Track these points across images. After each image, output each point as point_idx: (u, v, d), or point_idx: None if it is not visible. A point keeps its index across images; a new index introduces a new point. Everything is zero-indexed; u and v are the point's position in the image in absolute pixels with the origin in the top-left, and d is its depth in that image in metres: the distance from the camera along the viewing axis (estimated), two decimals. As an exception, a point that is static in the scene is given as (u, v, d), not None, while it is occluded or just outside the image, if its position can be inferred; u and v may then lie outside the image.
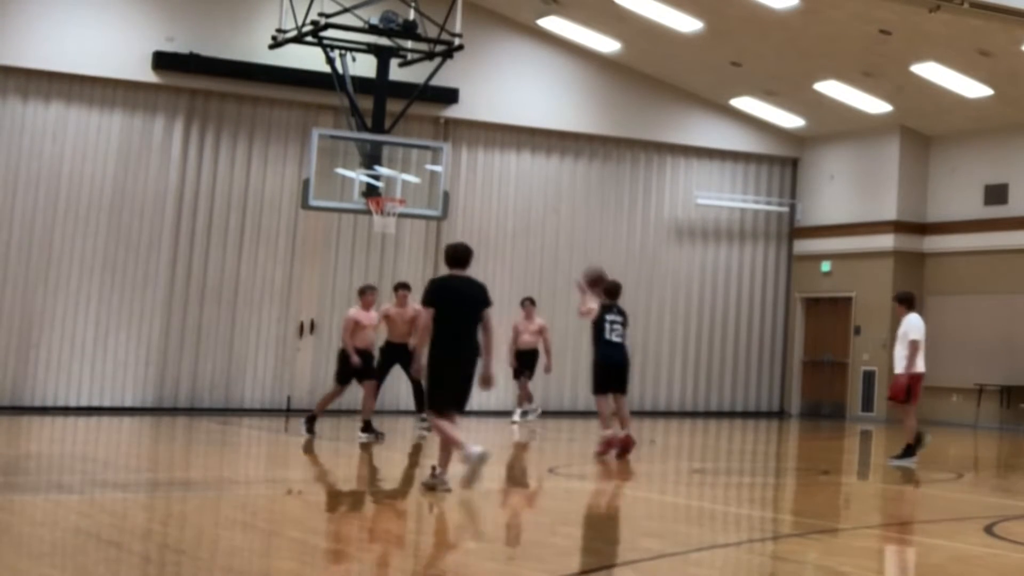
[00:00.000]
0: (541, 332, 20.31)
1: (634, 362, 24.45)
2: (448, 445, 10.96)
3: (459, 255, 11.21)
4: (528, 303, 20.51)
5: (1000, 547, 9.30)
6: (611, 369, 15.03)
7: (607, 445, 14.91)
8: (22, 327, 19.62)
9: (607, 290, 15.14)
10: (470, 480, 10.73)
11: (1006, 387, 23.11)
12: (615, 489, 12.98)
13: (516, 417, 20.39)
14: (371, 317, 16.48)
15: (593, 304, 14.94)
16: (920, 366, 15.03)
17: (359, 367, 16.08)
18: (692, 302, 25.05)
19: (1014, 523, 10.63)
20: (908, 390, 14.99)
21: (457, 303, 10.97)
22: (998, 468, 17.24)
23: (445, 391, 10.96)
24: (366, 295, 16.59)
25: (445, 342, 10.88)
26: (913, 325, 15.10)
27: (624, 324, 15.10)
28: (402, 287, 17.14)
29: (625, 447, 14.89)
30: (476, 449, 10.65)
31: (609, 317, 14.94)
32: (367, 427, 16.24)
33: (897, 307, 15.48)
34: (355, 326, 16.16)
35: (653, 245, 24.67)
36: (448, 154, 20.50)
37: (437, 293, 11.03)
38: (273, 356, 21.22)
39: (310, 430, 16.36)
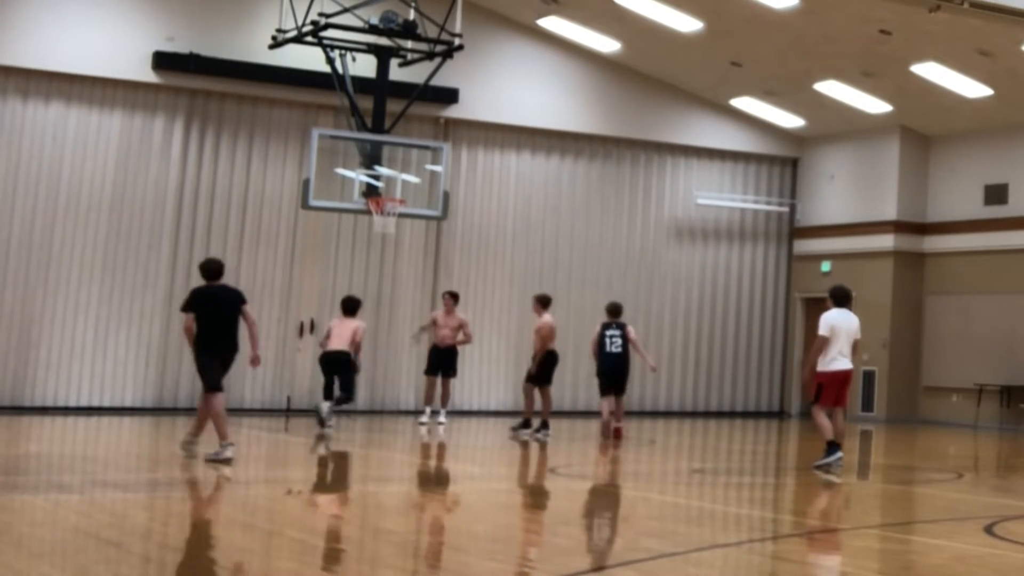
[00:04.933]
0: (461, 328, 18.95)
1: (634, 363, 24.70)
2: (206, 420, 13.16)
3: (211, 269, 13.26)
4: (447, 296, 19.15)
5: (1000, 547, 9.30)
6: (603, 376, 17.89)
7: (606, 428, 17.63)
8: (22, 327, 19.61)
9: (608, 310, 18.00)
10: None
11: (1006, 387, 23.09)
12: (615, 489, 12.98)
13: (424, 418, 18.96)
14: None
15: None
16: (837, 364, 14.11)
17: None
18: (692, 302, 25.03)
19: (1014, 523, 10.63)
20: (818, 389, 14.22)
21: (212, 306, 13.02)
22: (998, 468, 17.24)
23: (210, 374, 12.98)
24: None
25: (205, 339, 12.95)
26: (824, 321, 14.18)
27: (622, 336, 17.72)
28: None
29: (616, 435, 17.57)
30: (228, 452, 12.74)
31: (609, 332, 17.67)
32: (544, 425, 17.56)
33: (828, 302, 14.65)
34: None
35: (653, 245, 24.66)
36: (448, 154, 20.48)
37: (195, 300, 13.12)
38: (273, 356, 21.18)
39: (545, 429, 17.52)
